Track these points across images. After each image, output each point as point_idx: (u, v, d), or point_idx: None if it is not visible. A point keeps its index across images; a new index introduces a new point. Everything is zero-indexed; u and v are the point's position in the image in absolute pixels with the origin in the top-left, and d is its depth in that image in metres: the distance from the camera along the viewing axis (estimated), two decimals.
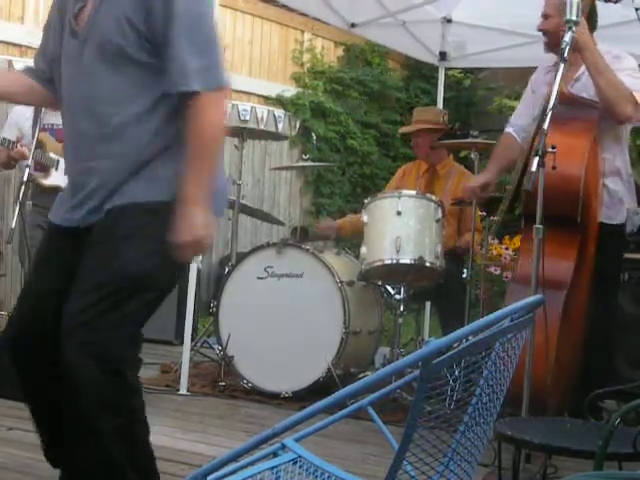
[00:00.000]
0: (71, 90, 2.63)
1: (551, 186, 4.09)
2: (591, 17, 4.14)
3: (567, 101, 4.12)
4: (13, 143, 5.38)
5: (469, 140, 5.28)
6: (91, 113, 2.55)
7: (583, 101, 4.16)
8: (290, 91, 9.07)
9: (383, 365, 5.03)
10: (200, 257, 6.24)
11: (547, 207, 4.10)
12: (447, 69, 7.45)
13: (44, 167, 5.30)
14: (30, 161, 4.92)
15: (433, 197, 4.91)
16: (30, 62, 2.87)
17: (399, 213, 4.75)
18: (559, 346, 3.78)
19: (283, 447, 1.85)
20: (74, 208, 2.60)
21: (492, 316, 1.71)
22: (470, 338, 1.66)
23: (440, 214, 4.82)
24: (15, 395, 3.78)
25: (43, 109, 5.08)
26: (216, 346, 5.28)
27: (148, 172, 2.54)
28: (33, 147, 4.97)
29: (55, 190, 5.48)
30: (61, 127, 5.41)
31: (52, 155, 5.37)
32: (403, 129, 6.38)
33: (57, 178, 5.45)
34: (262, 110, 8.74)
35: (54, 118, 5.40)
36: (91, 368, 2.40)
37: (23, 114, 5.58)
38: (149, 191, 2.53)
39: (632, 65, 4.16)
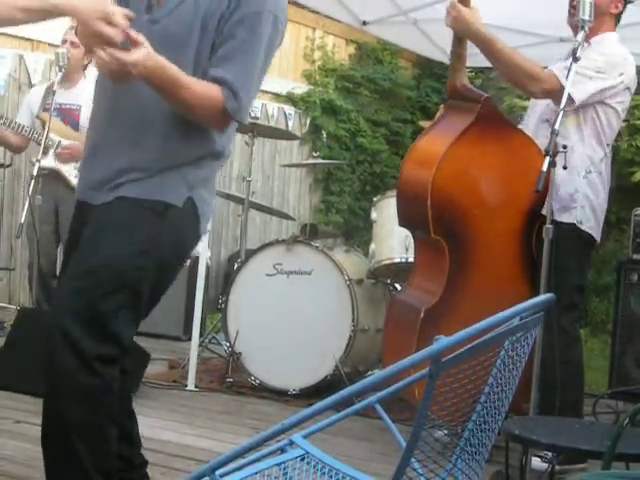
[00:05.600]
0: None
1: (403, 197, 4.04)
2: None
3: (458, 95, 4.04)
4: (23, 127, 5.36)
5: None
6: (135, 98, 2.47)
7: (471, 94, 4.01)
8: (301, 88, 9.06)
9: None
10: (209, 254, 6.24)
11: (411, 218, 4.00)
12: None
13: (44, 149, 5.03)
14: (40, 155, 4.90)
15: None
16: (41, 56, 2.83)
17: None
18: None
19: (291, 443, 1.85)
20: (94, 188, 2.54)
21: (502, 314, 1.70)
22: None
23: None
24: (33, 391, 3.80)
25: (55, 90, 5.01)
26: (224, 342, 5.28)
27: (173, 174, 2.49)
28: (44, 137, 4.93)
29: (50, 173, 5.42)
30: (69, 106, 5.38)
31: (52, 136, 5.26)
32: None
33: (50, 160, 5.40)
34: (273, 107, 8.74)
35: (64, 97, 5.35)
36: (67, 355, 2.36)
37: (36, 96, 5.57)
38: (164, 192, 2.48)
39: (590, 64, 3.70)
